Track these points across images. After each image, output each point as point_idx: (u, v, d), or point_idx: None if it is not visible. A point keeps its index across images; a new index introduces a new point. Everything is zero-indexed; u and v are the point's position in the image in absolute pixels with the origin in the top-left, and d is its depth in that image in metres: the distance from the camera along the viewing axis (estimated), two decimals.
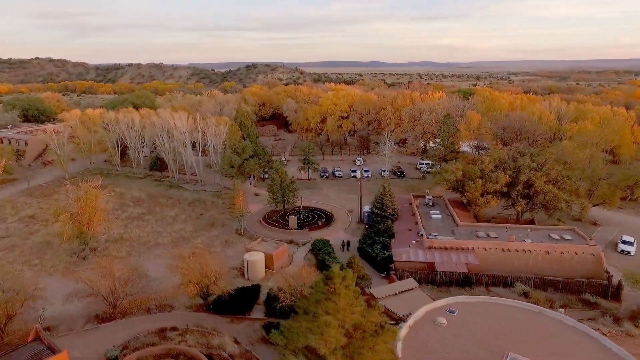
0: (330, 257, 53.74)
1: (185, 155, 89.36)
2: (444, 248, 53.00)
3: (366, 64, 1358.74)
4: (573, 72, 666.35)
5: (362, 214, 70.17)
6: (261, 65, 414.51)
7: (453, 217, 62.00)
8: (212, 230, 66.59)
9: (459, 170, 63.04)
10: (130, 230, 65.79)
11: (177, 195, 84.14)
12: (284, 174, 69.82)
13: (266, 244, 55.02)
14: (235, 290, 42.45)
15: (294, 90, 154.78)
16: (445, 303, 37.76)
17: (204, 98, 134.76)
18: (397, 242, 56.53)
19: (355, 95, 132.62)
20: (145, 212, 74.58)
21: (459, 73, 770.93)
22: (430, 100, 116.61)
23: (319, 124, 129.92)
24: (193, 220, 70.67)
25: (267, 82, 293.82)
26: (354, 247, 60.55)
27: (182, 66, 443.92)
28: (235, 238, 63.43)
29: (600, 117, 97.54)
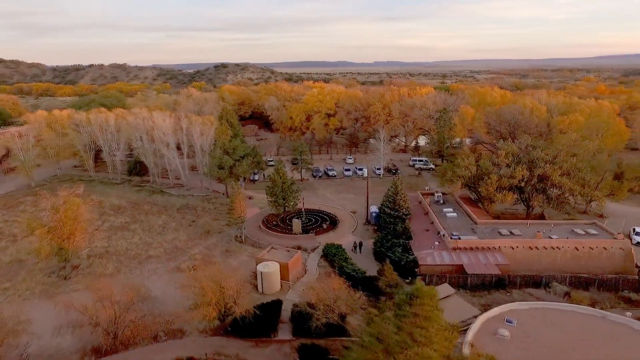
0: (347, 264, 49.17)
1: (168, 157, 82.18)
2: (470, 248, 49.58)
3: (334, 63, 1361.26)
4: (531, 70, 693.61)
5: (369, 214, 65.95)
6: (231, 65, 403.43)
7: (469, 215, 58.85)
8: (208, 239, 60.41)
9: (472, 165, 59.93)
10: (116, 243, 58.59)
11: (162, 201, 76.97)
12: (285, 175, 64.57)
13: (277, 252, 49.71)
14: (255, 308, 37.03)
15: (274, 87, 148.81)
16: (499, 312, 34.05)
17: (181, 97, 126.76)
18: (417, 244, 52.66)
19: (341, 92, 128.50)
20: (129, 221, 67.24)
21: (425, 72, 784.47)
22: (417, 95, 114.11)
23: (304, 122, 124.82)
24: (185, 228, 64.14)
25: (237, 81, 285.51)
26: (366, 250, 56.34)
27: (147, 67, 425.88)
28: (236, 246, 57.63)
29: (589, 109, 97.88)
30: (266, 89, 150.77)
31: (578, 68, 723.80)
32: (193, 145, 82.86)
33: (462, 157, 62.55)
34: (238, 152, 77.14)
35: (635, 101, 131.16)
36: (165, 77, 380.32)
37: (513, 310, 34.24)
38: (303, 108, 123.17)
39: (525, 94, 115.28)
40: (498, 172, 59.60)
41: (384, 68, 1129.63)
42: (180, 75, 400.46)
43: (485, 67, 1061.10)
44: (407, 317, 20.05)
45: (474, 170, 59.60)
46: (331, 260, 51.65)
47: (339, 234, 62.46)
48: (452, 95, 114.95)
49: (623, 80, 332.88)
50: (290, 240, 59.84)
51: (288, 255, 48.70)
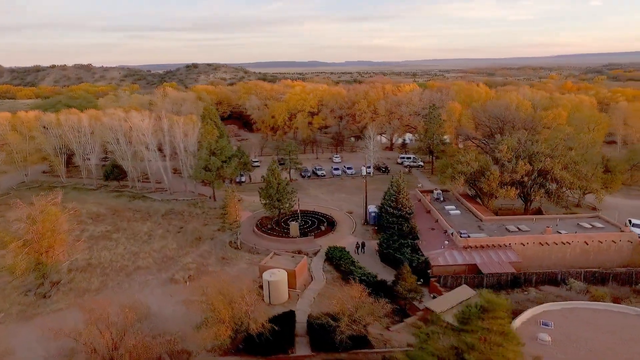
0: (356, 268, 46.44)
1: (150, 160, 77.07)
2: (480, 247, 47.89)
3: (306, 63, 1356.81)
4: (498, 69, 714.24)
5: (368, 214, 63.52)
6: (202, 65, 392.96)
7: (473, 212, 57.40)
8: (200, 246, 56.29)
9: (474, 161, 58.49)
10: (98, 254, 53.60)
11: (144, 207, 71.90)
12: (280, 176, 61.22)
13: (281, 259, 46.39)
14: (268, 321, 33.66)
15: (254, 86, 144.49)
16: (531, 315, 32.17)
17: (157, 97, 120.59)
18: (425, 244, 50.56)
19: (324, 89, 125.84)
20: (111, 229, 62.10)
21: (395, 71, 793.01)
22: (403, 92, 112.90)
23: (287, 121, 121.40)
24: (174, 236, 59.68)
25: (210, 82, 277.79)
26: (369, 251, 53.92)
27: (114, 67, 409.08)
28: (232, 253, 53.84)
29: (571, 104, 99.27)
30: (245, 87, 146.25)
31: (541, 66, 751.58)
32: (176, 147, 78.08)
33: (462, 153, 61.08)
34: (225, 153, 73.10)
35: (602, 97, 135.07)
36: (134, 78, 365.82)
37: (546, 312, 32.50)
38: (286, 107, 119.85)
39: (507, 90, 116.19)
40: (500, 167, 58.50)
41: (355, 67, 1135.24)
42: (149, 76, 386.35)
43: (452, 66, 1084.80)
44: (478, 333, 17.53)
45: (476, 166, 58.16)
46: (337, 264, 48.81)
47: (339, 235, 59.73)
48: (436, 92, 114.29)
49: (583, 78, 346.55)
50: (289, 244, 56.64)
51: (293, 261, 45.47)
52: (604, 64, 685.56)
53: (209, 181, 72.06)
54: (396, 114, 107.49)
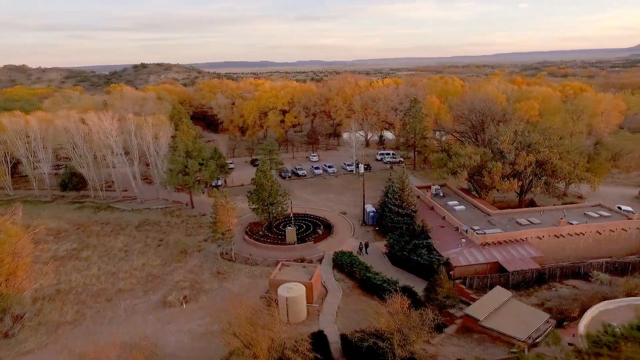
0: (372, 274, 42.41)
1: (113, 166, 68.76)
2: (498, 243, 45.54)
3: (257, 63, 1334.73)
4: (444, 67, 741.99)
5: (366, 214, 59.77)
6: (152, 65, 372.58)
7: (477, 206, 55.29)
8: (188, 260, 49.88)
9: (475, 154, 56.40)
10: (68, 277, 45.79)
11: (113, 218, 63.74)
12: (272, 177, 55.96)
13: (291, 270, 41.36)
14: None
15: (219, 85, 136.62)
16: (590, 317, 29.63)
17: (113, 97, 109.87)
18: (438, 244, 47.48)
19: (295, 86, 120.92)
20: (78, 247, 53.94)
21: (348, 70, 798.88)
22: (378, 88, 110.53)
23: (257, 120, 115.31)
24: (154, 250, 52.68)
25: (161, 82, 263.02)
26: (375, 252, 50.29)
27: (52, 69, 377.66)
28: (228, 266, 47.96)
29: (542, 96, 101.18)
30: (210, 86, 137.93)
31: (483, 64, 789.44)
32: (144, 151, 70.23)
33: (461, 147, 58.91)
34: (203, 155, 66.52)
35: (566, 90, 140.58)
36: (76, 80, 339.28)
37: (604, 311, 30.18)
38: (256, 105, 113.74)
39: (481, 83, 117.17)
40: (501, 159, 56.88)
41: (307, 67, 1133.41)
42: (93, 78, 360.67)
43: (402, 64, 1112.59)
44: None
45: (478, 159, 56.11)
46: (349, 271, 44.51)
47: (339, 239, 55.52)
48: (410, 87, 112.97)
49: (525, 74, 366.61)
50: (287, 252, 51.68)
51: (306, 272, 40.64)
52: (539, 61, 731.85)
53: (187, 186, 65.18)
54: (372, 110, 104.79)
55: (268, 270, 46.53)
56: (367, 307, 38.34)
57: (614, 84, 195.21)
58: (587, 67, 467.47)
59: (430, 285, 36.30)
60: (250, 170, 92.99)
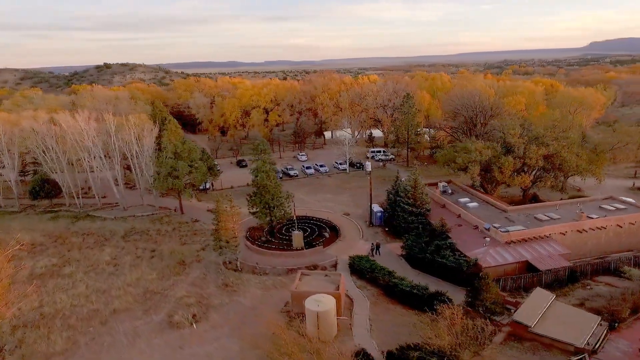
0: (397, 279, 39.23)
1: (91, 170, 62.54)
2: (523, 240, 43.45)
3: (225, 63, 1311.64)
4: (411, 66, 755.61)
5: (374, 215, 56.64)
6: (116, 65, 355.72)
7: (490, 202, 53.29)
8: (188, 272, 44.99)
9: (486, 148, 54.40)
10: (51, 299, 39.96)
11: (95, 228, 57.61)
12: (275, 178, 51.86)
13: (311, 279, 37.49)
14: None
15: (196, 83, 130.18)
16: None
17: (82, 96, 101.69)
18: (460, 244, 44.83)
19: (278, 84, 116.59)
20: (58, 262, 47.84)
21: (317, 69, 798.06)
22: (365, 84, 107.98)
23: (239, 119, 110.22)
24: (147, 262, 47.37)
25: (127, 83, 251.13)
26: (388, 254, 47.34)
27: (6, 69, 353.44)
28: (235, 277, 43.46)
29: (527, 91, 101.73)
30: (186, 84, 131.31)
31: (449, 63, 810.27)
32: (126, 153, 64.28)
33: (470, 142, 56.86)
34: (193, 156, 61.43)
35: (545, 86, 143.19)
36: (33, 81, 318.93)
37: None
38: (238, 103, 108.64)
39: (469, 78, 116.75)
40: (511, 153, 55.18)
41: (275, 67, 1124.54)
42: (52, 79, 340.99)
43: (370, 64, 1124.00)
44: None
45: (489, 154, 54.13)
46: (371, 277, 41.08)
47: (348, 242, 52.13)
48: (395, 83, 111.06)
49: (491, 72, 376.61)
50: (296, 258, 47.81)
51: (329, 281, 36.91)
52: (500, 60, 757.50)
53: (177, 191, 59.92)
54: (360, 107, 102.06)
55: (280, 280, 42.57)
56: (400, 317, 35.33)
57: (578, 80, 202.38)
58: (545, 65, 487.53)
59: (472, 291, 33.41)
60: (236, 171, 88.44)
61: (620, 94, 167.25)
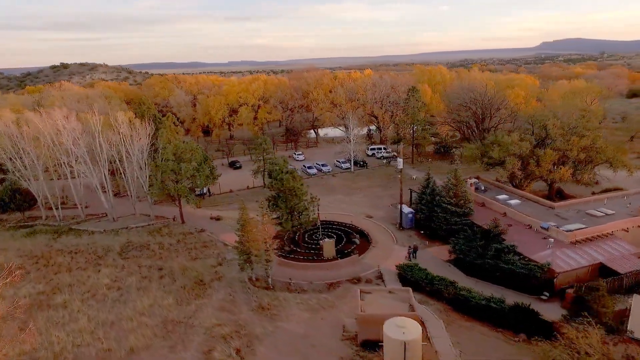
0: (465, 291, 34.13)
1: (72, 177, 53.84)
2: (588, 240, 39.50)
3: (186, 64, 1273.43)
4: (377, 66, 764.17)
5: (404, 217, 51.41)
6: (74, 65, 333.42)
7: (532, 199, 49.41)
8: (211, 293, 37.91)
9: (525, 140, 50.40)
10: (47, 338, 31.87)
11: (84, 245, 49.02)
12: (301, 179, 45.56)
13: (375, 298, 31.58)
14: None
15: (174, 80, 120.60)
16: None
17: (48, 95, 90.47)
18: (516, 245, 40.31)
19: (267, 80, 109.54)
20: (46, 288, 39.37)
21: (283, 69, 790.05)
22: (361, 78, 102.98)
23: (227, 117, 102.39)
24: (157, 283, 39.83)
25: (88, 83, 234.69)
26: (430, 258, 42.46)
27: None
28: (269, 297, 36.82)
29: (524, 83, 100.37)
30: (163, 82, 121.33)
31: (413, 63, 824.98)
32: (114, 156, 55.82)
33: (502, 134, 52.76)
34: (196, 157, 53.99)
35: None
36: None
37: None
38: (224, 101, 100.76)
39: (467, 72, 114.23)
40: (547, 145, 51.57)
41: (240, 67, 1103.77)
42: (2, 80, 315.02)
43: (335, 64, 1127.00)
44: None
45: (528, 146, 50.18)
46: (432, 290, 35.67)
47: (383, 248, 46.67)
48: (388, 78, 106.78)
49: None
50: (332, 270, 41.83)
51: (396, 299, 31.14)
52: (461, 59, 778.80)
53: (178, 197, 52.32)
54: (356, 103, 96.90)
55: (325, 299, 36.43)
56: (485, 339, 30.10)
57: (549, 76, 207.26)
58: (504, 64, 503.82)
59: (578, 303, 28.64)
60: (231, 174, 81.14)
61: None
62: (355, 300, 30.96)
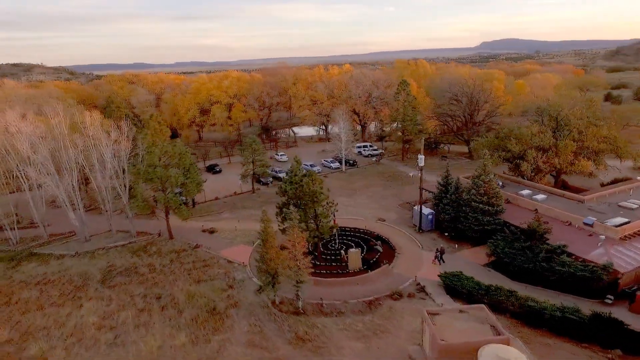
0: (535, 302, 30.11)
1: (29, 189, 44.65)
2: (635, 235, 37.03)
3: (130, 65, 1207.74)
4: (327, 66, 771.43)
5: (424, 218, 47.09)
6: (6, 65, 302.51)
7: (557, 193, 46.83)
8: (232, 325, 31.28)
9: (543, 132, 47.73)
10: None
11: (54, 273, 40.21)
12: (321, 182, 39.80)
13: (448, 320, 26.56)
14: None
15: (134, 79, 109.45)
16: None
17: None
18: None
19: (239, 76, 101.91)
20: (12, 335, 30.86)
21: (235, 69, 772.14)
22: (340, 74, 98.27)
23: (197, 117, 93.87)
24: (159, 316, 32.57)
25: (28, 84, 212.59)
26: (466, 263, 38.50)
27: None
28: (305, 325, 30.84)
29: (501, 77, 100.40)
30: (121, 80, 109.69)
31: (364, 62, 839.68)
32: (82, 163, 47.05)
33: (525, 127, 49.90)
34: (185, 161, 46.57)
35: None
36: None
37: None
38: (194, 100, 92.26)
39: (448, 66, 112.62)
40: (565, 137, 49.34)
41: (189, 68, 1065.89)
42: None
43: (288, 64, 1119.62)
44: None
45: (550, 138, 47.57)
46: (493, 302, 31.27)
47: (409, 255, 42.09)
48: (374, 72, 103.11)
49: None
50: (364, 284, 36.70)
51: (473, 319, 26.26)
52: (408, 58, 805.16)
53: (169, 208, 44.72)
54: (338, 99, 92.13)
55: (371, 322, 31.08)
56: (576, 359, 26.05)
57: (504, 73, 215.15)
58: (449, 62, 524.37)
59: None
60: (211, 179, 73.29)
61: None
62: (427, 325, 25.80)
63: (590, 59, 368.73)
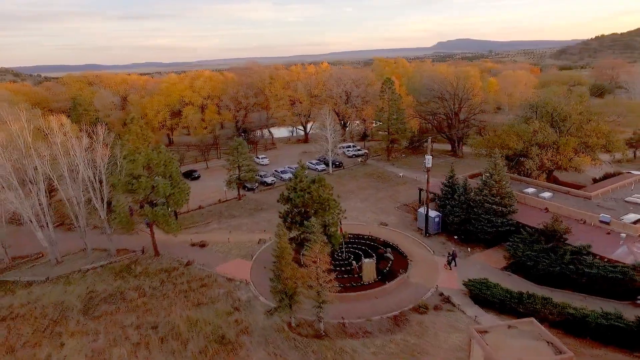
0: (576, 310, 28.37)
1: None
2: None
3: (81, 67, 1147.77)
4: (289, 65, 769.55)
5: (431, 221, 44.90)
6: None
7: (561, 190, 46.08)
8: (247, 356, 27.41)
9: (544, 128, 46.82)
10: None
11: (23, 305, 34.46)
12: (331, 188, 36.52)
13: (500, 337, 24.05)
14: None
15: (96, 79, 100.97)
16: None
17: None
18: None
19: (211, 76, 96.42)
20: None
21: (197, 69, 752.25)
22: (320, 73, 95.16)
23: (167, 120, 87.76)
24: (158, 350, 28.15)
25: None
26: (483, 267, 36.68)
27: None
28: (331, 350, 27.52)
29: (478, 75, 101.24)
30: (81, 81, 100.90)
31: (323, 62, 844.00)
32: (51, 175, 41.18)
33: (518, 123, 48.90)
34: (171, 169, 41.87)
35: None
36: None
37: None
38: (164, 101, 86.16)
39: (427, 65, 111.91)
40: (565, 132, 48.81)
41: (144, 69, 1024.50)
42: None
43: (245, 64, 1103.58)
44: None
45: (554, 134, 46.73)
46: (528, 311, 29.26)
47: (424, 262, 39.70)
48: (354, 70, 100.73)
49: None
50: (383, 297, 33.95)
51: (524, 336, 23.94)
52: (368, 58, 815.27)
53: (154, 222, 39.89)
54: (318, 99, 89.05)
55: (404, 342, 28.24)
56: None
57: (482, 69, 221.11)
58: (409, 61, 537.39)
59: None
60: (190, 186, 68.30)
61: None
62: (479, 346, 23.20)
63: (539, 58, 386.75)
